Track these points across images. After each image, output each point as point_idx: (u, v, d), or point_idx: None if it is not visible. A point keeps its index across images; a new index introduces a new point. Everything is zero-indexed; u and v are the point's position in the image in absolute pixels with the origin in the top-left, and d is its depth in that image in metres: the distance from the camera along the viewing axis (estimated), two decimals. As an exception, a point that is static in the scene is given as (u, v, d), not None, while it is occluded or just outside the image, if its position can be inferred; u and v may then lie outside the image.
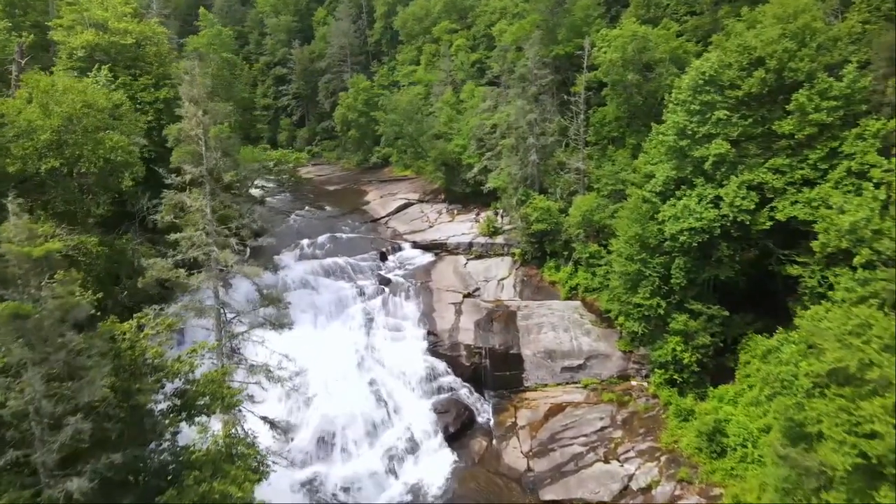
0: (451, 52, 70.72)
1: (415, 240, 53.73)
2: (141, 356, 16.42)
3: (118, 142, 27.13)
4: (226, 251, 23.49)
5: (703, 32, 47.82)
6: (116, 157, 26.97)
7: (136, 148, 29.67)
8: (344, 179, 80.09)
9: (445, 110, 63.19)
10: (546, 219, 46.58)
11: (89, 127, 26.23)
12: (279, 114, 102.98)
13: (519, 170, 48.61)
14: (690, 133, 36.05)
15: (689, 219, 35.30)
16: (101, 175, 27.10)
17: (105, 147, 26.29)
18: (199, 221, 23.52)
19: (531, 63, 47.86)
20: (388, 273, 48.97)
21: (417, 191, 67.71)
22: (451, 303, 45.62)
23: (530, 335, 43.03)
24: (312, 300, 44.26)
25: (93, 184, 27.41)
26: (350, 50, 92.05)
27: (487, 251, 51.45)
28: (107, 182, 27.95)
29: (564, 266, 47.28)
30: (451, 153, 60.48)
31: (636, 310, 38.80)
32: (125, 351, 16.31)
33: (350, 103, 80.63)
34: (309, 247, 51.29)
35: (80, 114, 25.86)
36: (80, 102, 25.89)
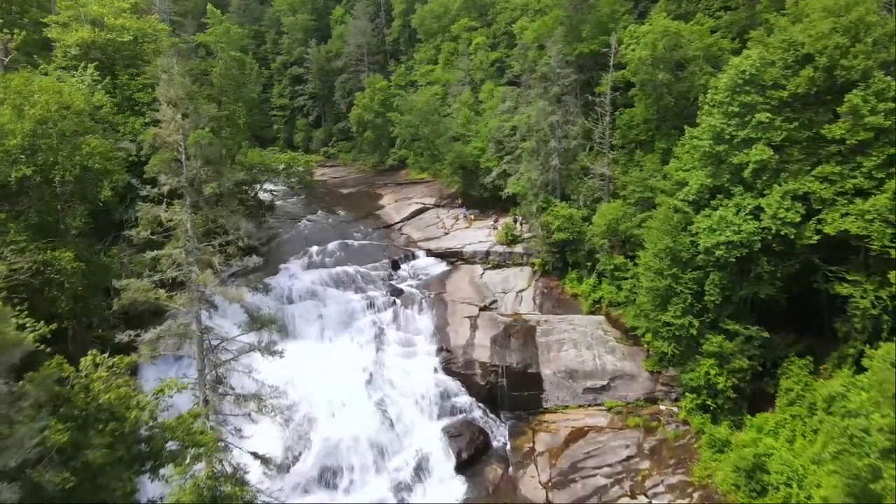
0: (470, 51, 68.01)
1: (429, 247, 51.11)
2: (94, 401, 14.05)
3: (96, 147, 24.86)
4: (206, 272, 21.09)
5: (739, 28, 44.48)
6: (94, 165, 24.72)
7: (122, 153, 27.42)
8: (359, 182, 77.83)
9: (463, 111, 60.51)
10: (568, 227, 43.68)
11: (66, 131, 24.02)
12: (295, 114, 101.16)
13: (539, 175, 45.75)
14: (728, 137, 32.97)
15: (725, 231, 32.22)
16: (78, 184, 24.89)
17: (82, 153, 24.06)
18: (180, 238, 21.12)
19: (554, 61, 44.98)
20: (400, 283, 46.41)
21: (434, 195, 65.15)
22: (466, 316, 42.91)
23: (550, 352, 40.18)
24: (319, 312, 41.85)
25: (69, 193, 25.21)
26: (367, 49, 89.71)
27: (505, 261, 48.65)
28: (84, 191, 25.77)
29: (587, 278, 44.35)
30: (469, 156, 57.80)
31: (666, 329, 35.80)
32: (77, 395, 14.00)
33: (366, 103, 78.31)
34: (318, 254, 48.95)
35: (56, 116, 23.65)
36: (55, 104, 23.68)
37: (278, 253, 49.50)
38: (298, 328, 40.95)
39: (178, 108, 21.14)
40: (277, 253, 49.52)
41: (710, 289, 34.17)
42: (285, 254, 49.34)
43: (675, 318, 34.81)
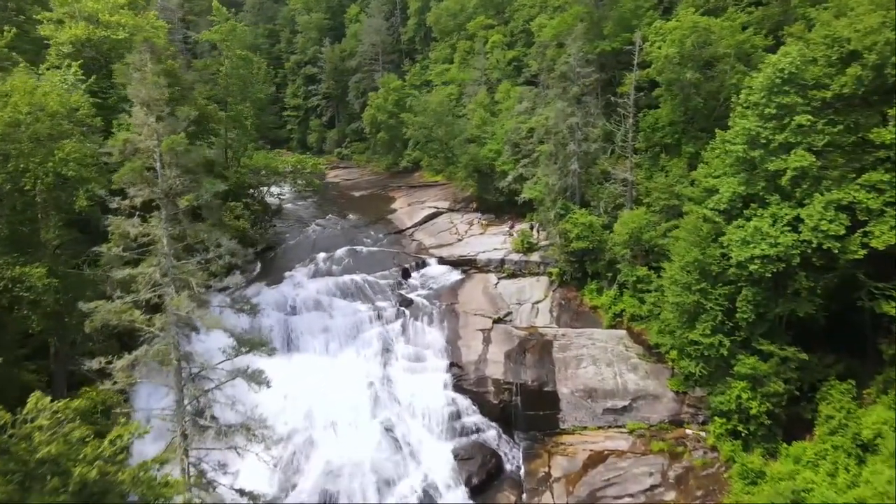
0: (487, 50, 65.62)
1: (441, 255, 48.86)
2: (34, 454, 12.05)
3: (71, 152, 22.97)
4: (181, 295, 19.01)
5: (772, 24, 41.67)
6: (68, 172, 22.83)
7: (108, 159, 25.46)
8: (372, 184, 75.86)
9: (478, 112, 58.17)
10: (588, 236, 41.19)
11: (40, 135, 22.15)
12: (309, 114, 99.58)
13: (558, 179, 43.29)
14: (764, 142, 30.32)
15: (761, 244, 29.59)
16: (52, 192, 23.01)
17: (55, 159, 22.20)
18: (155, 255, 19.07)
19: (573, 60, 42.51)
20: (410, 293, 44.22)
21: (448, 198, 62.91)
22: (479, 329, 40.61)
23: (568, 369, 37.75)
24: (324, 324, 39.81)
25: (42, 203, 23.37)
26: (382, 48, 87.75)
27: (521, 269, 46.24)
28: (59, 201, 23.91)
29: (608, 289, 41.81)
30: (484, 159, 55.45)
31: (693, 347, 33.19)
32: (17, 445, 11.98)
33: (380, 104, 76.28)
34: (325, 261, 46.93)
35: (28, 119, 21.80)
36: (25, 105, 21.82)
37: (284, 259, 47.62)
38: (301, 341, 38.99)
39: (151, 111, 19.11)
40: (283, 259, 47.65)
41: (742, 305, 31.57)
42: (291, 260, 47.42)
43: (704, 337, 32.20)
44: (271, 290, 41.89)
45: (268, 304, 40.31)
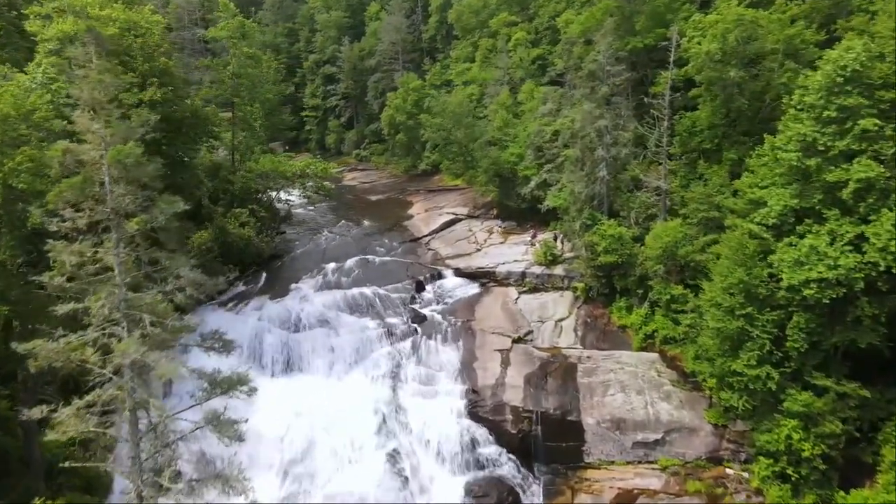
0: (510, 48, 62.31)
1: (458, 266, 45.75)
2: None
3: (22, 161, 20.39)
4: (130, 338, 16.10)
5: (822, 17, 37.79)
6: (19, 183, 20.28)
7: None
8: (389, 188, 73.09)
9: (500, 113, 54.93)
10: (616, 249, 37.79)
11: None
12: (328, 115, 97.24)
13: (584, 187, 39.91)
14: (821, 148, 26.69)
15: (817, 266, 25.98)
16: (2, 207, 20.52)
17: (4, 169, 19.68)
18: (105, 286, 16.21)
19: (603, 57, 39.07)
20: (423, 308, 41.21)
21: (467, 204, 59.81)
22: (496, 349, 37.44)
23: (594, 397, 34.38)
24: (330, 342, 36.99)
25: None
26: (402, 47, 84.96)
27: (543, 283, 42.94)
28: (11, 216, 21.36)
29: (638, 307, 38.34)
30: (505, 163, 52.25)
31: (735, 378, 29.62)
32: None
33: (398, 104, 73.55)
34: (334, 273, 44.14)
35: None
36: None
37: (291, 270, 44.95)
38: (305, 361, 36.26)
39: (98, 115, 16.34)
40: (290, 270, 44.98)
41: (793, 333, 27.96)
42: (299, 271, 44.73)
43: (749, 368, 28.64)
44: (275, 304, 39.21)
45: (270, 319, 37.76)
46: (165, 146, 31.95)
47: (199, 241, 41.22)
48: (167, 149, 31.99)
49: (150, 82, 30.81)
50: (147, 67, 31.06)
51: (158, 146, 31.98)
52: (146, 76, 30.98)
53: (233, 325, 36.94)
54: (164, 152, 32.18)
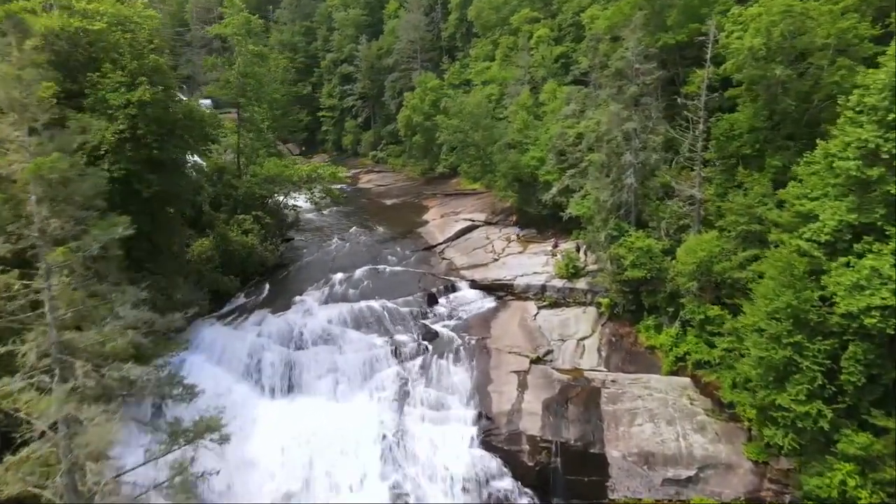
0: (531, 45, 59.28)
1: (474, 277, 42.90)
2: None
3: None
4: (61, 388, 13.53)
5: (875, 10, 34.22)
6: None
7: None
8: (405, 191, 70.64)
9: (520, 114, 51.99)
10: (645, 263, 34.69)
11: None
12: (345, 115, 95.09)
13: (610, 195, 36.84)
14: (885, 156, 23.40)
15: (880, 291, 22.74)
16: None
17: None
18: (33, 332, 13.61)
19: (631, 54, 35.92)
20: (435, 323, 38.47)
21: (485, 209, 57.03)
22: (513, 371, 34.58)
23: (619, 426, 31.32)
24: (333, 361, 34.40)
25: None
26: (421, 45, 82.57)
27: (565, 298, 39.93)
28: None
29: (668, 327, 35.20)
30: (526, 167, 49.35)
31: (781, 413, 26.39)
32: None
33: (415, 104, 71.12)
34: (341, 284, 41.57)
35: None
36: None
37: (296, 280, 42.50)
38: (306, 381, 33.73)
39: (24, 119, 13.81)
40: (295, 280, 42.54)
41: (848, 365, 24.70)
42: (304, 281, 42.26)
43: (797, 404, 25.40)
44: (276, 318, 36.73)
45: (270, 335, 35.29)
46: (157, 150, 29.61)
47: (200, 249, 39.08)
48: (159, 153, 29.65)
49: (139, 81, 28.57)
50: (136, 65, 28.81)
51: (149, 150, 29.71)
52: (135, 75, 28.74)
53: (230, 342, 34.73)
54: (155, 157, 29.90)
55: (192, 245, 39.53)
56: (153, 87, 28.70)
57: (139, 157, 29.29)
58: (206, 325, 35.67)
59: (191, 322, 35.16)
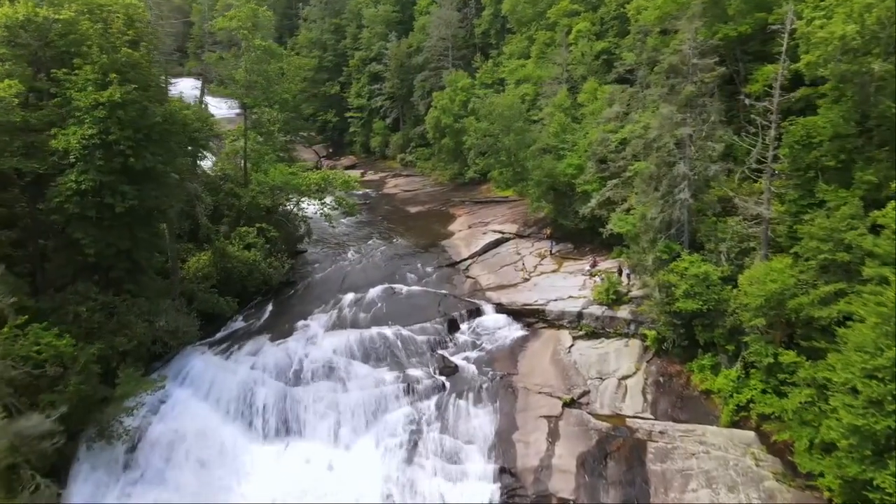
0: (570, 41, 54.14)
1: (501, 300, 38.14)
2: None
3: None
4: None
5: None
6: None
7: None
8: (432, 198, 66.21)
9: (557, 116, 47.01)
10: (701, 293, 29.47)
11: None
12: (373, 116, 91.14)
13: (659, 212, 31.69)
14: None
15: None
16: None
17: None
18: None
19: (688, 47, 30.64)
20: (455, 354, 33.94)
21: (517, 220, 52.20)
22: (543, 415, 29.80)
23: (669, 491, 26.26)
24: (336, 399, 30.09)
25: None
26: (452, 42, 77.99)
27: (605, 327, 34.88)
28: None
29: (727, 368, 29.90)
30: (562, 175, 44.39)
31: (880, 496, 20.97)
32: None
33: (445, 105, 66.58)
34: (352, 306, 37.28)
35: None
36: None
37: (303, 301, 38.37)
38: (304, 422, 29.52)
39: None
40: (301, 301, 38.42)
41: (973, 442, 19.21)
42: (311, 302, 38.13)
43: (904, 487, 19.99)
44: (274, 348, 32.62)
45: (266, 368, 31.19)
46: (133, 158, 25.69)
47: (197, 266, 35.24)
48: (135, 162, 25.72)
49: (110, 79, 24.71)
50: (106, 60, 24.96)
51: (124, 158, 25.80)
52: (106, 71, 24.89)
53: (220, 375, 30.78)
54: (131, 166, 25.97)
55: (188, 261, 35.80)
56: (126, 85, 24.77)
57: (111, 166, 25.43)
58: (195, 353, 31.76)
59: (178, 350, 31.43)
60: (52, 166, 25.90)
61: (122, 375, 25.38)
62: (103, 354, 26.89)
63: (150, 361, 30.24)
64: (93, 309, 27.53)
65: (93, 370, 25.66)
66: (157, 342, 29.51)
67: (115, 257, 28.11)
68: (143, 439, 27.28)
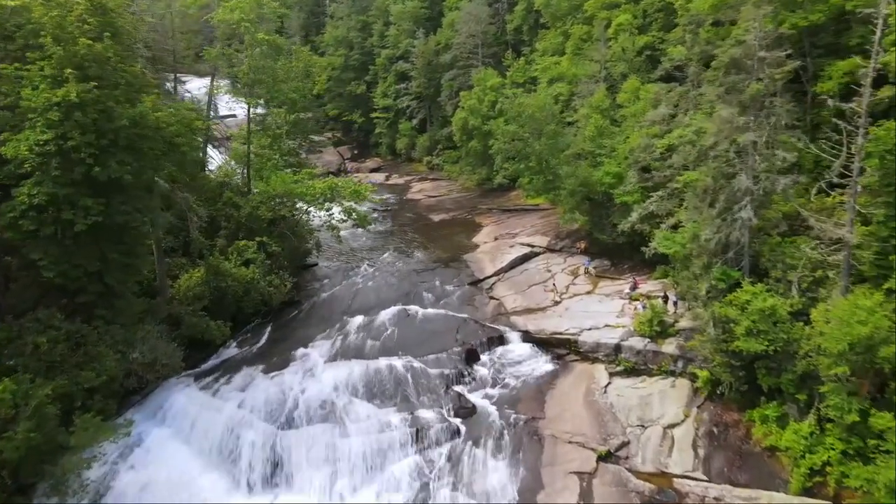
0: (609, 35, 49.27)
1: (527, 327, 33.71)
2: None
3: None
4: None
5: None
6: None
7: None
8: (458, 204, 62.13)
9: (593, 119, 42.31)
10: (767, 331, 24.63)
11: None
12: (399, 116, 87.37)
13: (715, 232, 26.89)
14: None
15: None
16: None
17: None
18: None
19: (754, 37, 25.71)
20: (473, 391, 29.69)
21: (548, 231, 47.71)
22: (573, 471, 25.32)
23: (728, 577, 21.53)
24: (334, 446, 26.00)
25: None
26: (483, 39, 73.68)
27: (647, 363, 30.20)
28: None
29: (798, 421, 24.99)
30: (598, 184, 39.80)
31: None
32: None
33: (472, 105, 62.39)
34: (359, 331, 33.27)
35: None
36: None
37: (305, 324, 34.54)
38: (295, 472, 25.49)
39: None
40: (304, 324, 34.57)
41: None
42: (315, 326, 34.26)
43: None
44: (268, 381, 28.72)
45: (255, 406, 27.33)
46: (96, 167, 22.07)
47: (188, 284, 31.63)
48: (99, 172, 22.10)
49: (66, 75, 21.15)
50: (62, 53, 21.40)
51: (86, 168, 22.18)
52: (63, 65, 21.35)
53: (203, 413, 27.11)
54: (93, 177, 22.34)
55: (180, 278, 32.25)
56: (86, 82, 21.15)
57: (70, 177, 21.86)
58: (179, 386, 28.11)
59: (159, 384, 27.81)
60: (8, 175, 22.43)
61: (78, 422, 21.75)
62: (65, 392, 23.44)
63: (125, 396, 26.67)
64: (55, 339, 24.08)
65: (48, 413, 22.12)
66: (132, 376, 25.90)
67: (82, 280, 24.58)
68: (109, 492, 23.64)
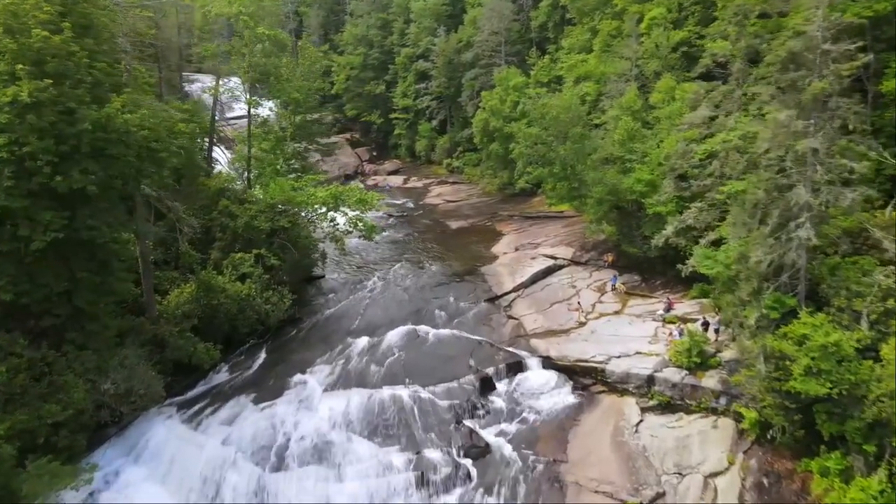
0: (641, 30, 45.67)
1: (549, 352, 30.37)
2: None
3: None
4: None
5: None
6: None
7: None
8: (477, 210, 58.95)
9: (623, 121, 38.77)
10: (830, 371, 21.03)
11: None
12: (419, 117, 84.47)
13: (766, 253, 23.27)
14: None
15: None
16: None
17: None
18: None
19: (816, 27, 22.10)
20: (487, 426, 26.46)
21: (572, 241, 44.29)
22: (600, 528, 21.95)
23: None
24: (326, 493, 22.97)
25: None
26: (506, 37, 70.39)
27: (684, 398, 26.65)
28: None
29: (865, 476, 21.30)
30: (629, 192, 36.32)
31: None
32: None
33: (494, 106, 59.24)
34: (363, 354, 30.25)
35: None
36: None
37: (305, 346, 31.61)
38: (281, 521, 22.50)
39: None
40: (304, 346, 31.64)
41: None
42: (316, 347, 31.34)
43: None
44: (257, 414, 25.79)
45: (242, 443, 24.36)
46: (59, 177, 19.39)
47: (178, 301, 28.93)
48: (59, 181, 19.43)
49: (19, 71, 18.52)
50: (14, 46, 18.76)
51: (45, 177, 19.50)
52: (16, 61, 18.72)
53: (183, 450, 24.24)
54: (53, 187, 19.66)
55: (171, 293, 29.60)
56: (43, 79, 18.47)
57: (26, 187, 19.21)
58: (160, 418, 25.36)
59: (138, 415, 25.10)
60: (-35, 185, 19.88)
61: (31, 467, 19.06)
62: (26, 428, 20.85)
63: (98, 430, 23.98)
64: (16, 368, 21.48)
65: (2, 454, 19.51)
66: (104, 408, 23.21)
67: (48, 301, 21.95)
68: (71, 543, 20.93)
